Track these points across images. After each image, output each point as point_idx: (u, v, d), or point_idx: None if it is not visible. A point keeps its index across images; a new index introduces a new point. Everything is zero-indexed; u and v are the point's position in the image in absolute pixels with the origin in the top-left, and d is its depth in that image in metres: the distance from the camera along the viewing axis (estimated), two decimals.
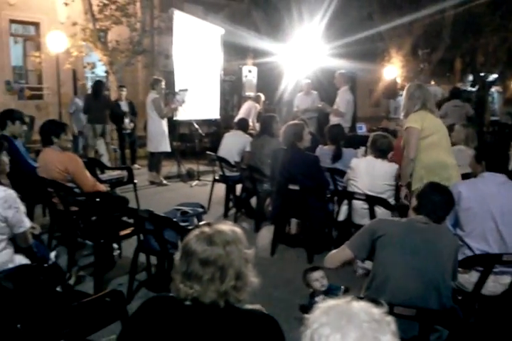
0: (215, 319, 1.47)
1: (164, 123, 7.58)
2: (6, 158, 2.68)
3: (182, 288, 1.48)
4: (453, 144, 4.79)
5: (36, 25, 12.50)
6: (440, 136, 3.70)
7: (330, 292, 2.87)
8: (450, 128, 5.05)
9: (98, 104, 7.96)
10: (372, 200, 3.90)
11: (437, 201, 2.48)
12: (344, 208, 4.16)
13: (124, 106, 8.65)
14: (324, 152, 4.94)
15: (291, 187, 4.30)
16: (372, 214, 3.93)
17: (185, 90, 7.84)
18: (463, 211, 2.95)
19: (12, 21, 12.13)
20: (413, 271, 2.32)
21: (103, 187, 4.11)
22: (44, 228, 4.72)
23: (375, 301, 1.16)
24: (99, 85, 8.26)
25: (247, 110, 9.18)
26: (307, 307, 2.81)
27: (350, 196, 4.04)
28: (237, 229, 1.59)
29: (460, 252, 2.92)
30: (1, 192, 2.50)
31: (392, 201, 4.02)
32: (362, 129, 7.81)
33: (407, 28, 13.12)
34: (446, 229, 2.59)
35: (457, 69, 17.71)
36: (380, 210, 3.93)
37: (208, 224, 1.59)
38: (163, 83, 7.62)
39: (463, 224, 2.96)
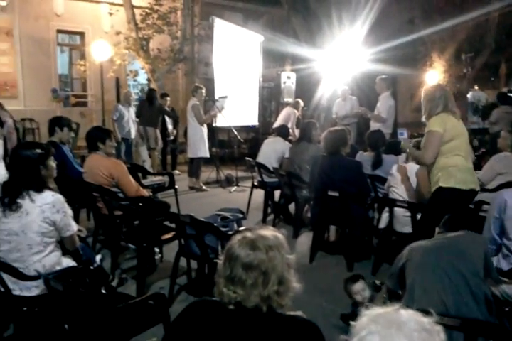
0: (258, 323, 1.48)
1: (203, 129, 7.70)
2: (53, 164, 2.78)
3: (225, 292, 1.50)
4: (499, 151, 4.67)
5: (81, 34, 12.96)
6: (461, 140, 3.55)
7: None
8: (498, 135, 4.92)
9: (152, 109, 8.28)
10: (414, 208, 3.82)
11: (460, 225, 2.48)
12: (385, 216, 4.10)
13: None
14: (365, 158, 4.88)
15: (331, 193, 4.27)
16: (414, 222, 3.86)
17: (225, 97, 7.93)
18: (509, 219, 2.86)
19: (59, 31, 12.64)
20: (439, 275, 2.26)
21: (146, 192, 4.20)
22: (89, 232, 4.86)
23: (423, 310, 1.14)
24: (153, 92, 8.61)
25: (285, 116, 9.20)
26: (349, 317, 2.78)
27: (392, 203, 3.97)
28: (279, 235, 1.60)
29: (507, 261, 2.84)
30: (50, 196, 2.59)
31: None
32: (403, 135, 7.60)
33: (450, 32, 12.82)
34: (470, 232, 2.53)
35: (502, 74, 17.16)
36: None
37: (250, 229, 1.60)
38: (203, 90, 7.74)
39: (509, 233, 2.87)
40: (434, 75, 13.86)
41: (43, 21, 12.11)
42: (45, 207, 2.55)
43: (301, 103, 9.62)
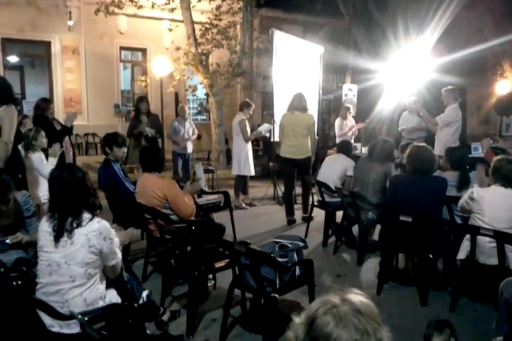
0: None
1: (248, 146, 7.44)
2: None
3: None
4: None
5: (143, 51, 13.21)
6: (288, 128, 6.30)
7: None
8: None
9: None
10: (501, 237, 3.32)
11: None
12: (465, 245, 3.60)
13: None
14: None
15: (403, 218, 3.83)
16: (501, 254, 3.35)
17: (269, 129, 7.77)
18: None
19: (122, 48, 12.95)
20: None
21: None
22: (141, 252, 4.69)
23: None
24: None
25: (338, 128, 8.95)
26: None
27: (475, 231, 3.48)
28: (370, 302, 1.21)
29: None
30: (95, 223, 2.38)
31: None
32: (478, 150, 6.90)
33: None
34: None
35: None
36: None
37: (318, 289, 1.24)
38: (252, 107, 7.54)
39: None
40: (506, 85, 13.02)
41: (107, 39, 12.44)
42: (91, 235, 2.34)
43: (351, 109, 9.19)
